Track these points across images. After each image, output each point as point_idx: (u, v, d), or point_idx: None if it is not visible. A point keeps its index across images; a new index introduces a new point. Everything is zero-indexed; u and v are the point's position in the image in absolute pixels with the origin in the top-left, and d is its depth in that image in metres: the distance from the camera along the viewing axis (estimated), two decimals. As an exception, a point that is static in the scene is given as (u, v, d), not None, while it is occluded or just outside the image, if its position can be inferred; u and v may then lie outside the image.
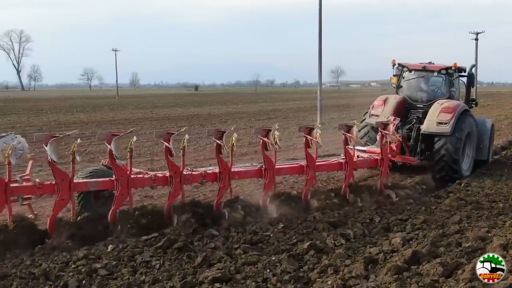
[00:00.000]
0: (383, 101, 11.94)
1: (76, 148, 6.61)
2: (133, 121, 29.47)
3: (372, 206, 8.27)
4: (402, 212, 7.96)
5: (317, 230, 6.93)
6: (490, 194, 9.40)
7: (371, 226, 7.17)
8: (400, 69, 12.78)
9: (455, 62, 12.16)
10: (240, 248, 6.06)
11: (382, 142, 9.38)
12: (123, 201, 6.99)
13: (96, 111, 40.93)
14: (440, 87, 12.63)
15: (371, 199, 8.70)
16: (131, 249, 6.02)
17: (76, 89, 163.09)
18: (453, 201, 8.62)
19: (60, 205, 6.57)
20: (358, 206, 8.42)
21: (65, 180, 6.52)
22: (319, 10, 24.63)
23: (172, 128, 8.86)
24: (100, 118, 32.03)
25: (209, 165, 9.74)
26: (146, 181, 7.45)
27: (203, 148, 16.56)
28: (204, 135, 7.87)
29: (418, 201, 8.93)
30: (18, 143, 6.35)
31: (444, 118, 10.92)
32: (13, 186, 6.43)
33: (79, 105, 49.23)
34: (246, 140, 18.20)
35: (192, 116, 34.30)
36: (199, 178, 7.76)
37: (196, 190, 9.80)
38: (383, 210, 8.04)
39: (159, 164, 12.84)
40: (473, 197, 9.06)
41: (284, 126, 21.79)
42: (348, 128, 8.98)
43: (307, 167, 8.49)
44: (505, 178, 11.08)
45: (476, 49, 54.25)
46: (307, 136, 8.39)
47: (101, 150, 14.84)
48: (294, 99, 66.68)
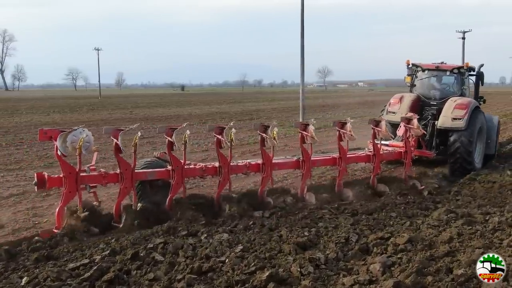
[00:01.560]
0: (399, 99, 12.70)
1: (137, 141, 7.23)
2: (110, 122, 28.15)
3: (398, 195, 9.02)
4: (384, 229, 6.87)
5: (283, 253, 5.84)
6: (483, 204, 8.37)
7: (346, 247, 6.05)
8: (414, 68, 13.55)
9: (467, 62, 13.37)
10: (184, 280, 4.94)
11: (406, 136, 10.29)
12: (179, 189, 7.62)
13: (74, 111, 39.49)
14: (453, 85, 13.42)
15: (398, 189, 9.45)
16: (51, 283, 4.89)
17: (61, 89, 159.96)
18: (442, 214, 7.55)
19: (124, 192, 7.18)
20: (387, 193, 9.23)
21: (128, 170, 7.11)
22: (301, 9, 23.66)
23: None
24: (76, 119, 30.59)
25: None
26: (197, 171, 8.11)
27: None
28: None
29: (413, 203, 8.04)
30: (85, 136, 6.77)
31: (459, 114, 11.62)
32: (82, 175, 6.95)
33: (59, 106, 47.69)
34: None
35: (172, 116, 33.07)
36: (244, 169, 8.50)
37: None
38: (362, 227, 6.92)
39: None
40: (464, 209, 8.01)
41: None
42: (377, 123, 9.86)
43: (340, 159, 9.25)
44: (498, 185, 10.09)
45: (463, 48, 53.93)
46: (340, 130, 9.11)
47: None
48: (281, 99, 65.75)
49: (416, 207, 8.25)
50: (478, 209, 7.94)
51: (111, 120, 29.91)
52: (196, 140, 17.87)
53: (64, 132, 6.60)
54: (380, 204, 8.36)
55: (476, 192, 9.52)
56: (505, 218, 7.21)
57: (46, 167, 12.50)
